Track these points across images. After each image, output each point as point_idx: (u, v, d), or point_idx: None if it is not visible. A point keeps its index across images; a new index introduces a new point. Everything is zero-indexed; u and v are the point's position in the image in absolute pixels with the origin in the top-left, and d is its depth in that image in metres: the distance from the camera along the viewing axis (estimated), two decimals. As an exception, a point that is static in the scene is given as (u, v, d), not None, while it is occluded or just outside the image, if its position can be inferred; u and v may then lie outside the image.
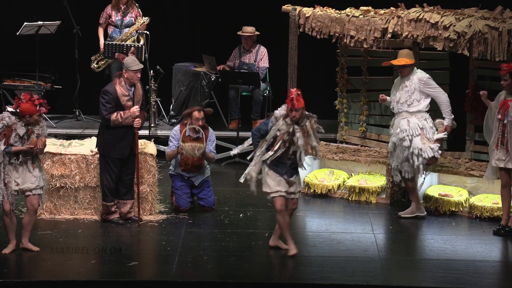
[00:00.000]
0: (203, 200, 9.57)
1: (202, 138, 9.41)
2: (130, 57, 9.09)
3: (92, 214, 9.37)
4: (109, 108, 8.90)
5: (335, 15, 10.27)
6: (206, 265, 8.18)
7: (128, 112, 8.93)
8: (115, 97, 8.89)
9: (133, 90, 9.01)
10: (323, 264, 8.19)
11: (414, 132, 9.30)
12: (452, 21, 9.53)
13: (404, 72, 9.39)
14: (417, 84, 9.34)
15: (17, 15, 12.29)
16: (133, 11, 11.86)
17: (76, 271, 7.97)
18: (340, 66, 11.10)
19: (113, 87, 8.96)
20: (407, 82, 9.38)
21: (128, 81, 8.96)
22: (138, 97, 9.04)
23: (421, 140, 9.30)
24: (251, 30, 11.91)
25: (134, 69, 8.92)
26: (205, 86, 11.78)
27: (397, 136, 9.38)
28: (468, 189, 9.83)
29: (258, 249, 8.52)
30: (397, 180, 9.56)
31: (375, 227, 9.23)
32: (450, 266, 8.22)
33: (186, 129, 9.38)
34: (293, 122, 8.10)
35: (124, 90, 8.95)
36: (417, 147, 9.29)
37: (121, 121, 8.91)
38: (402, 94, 9.37)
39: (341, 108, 11.22)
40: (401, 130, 9.35)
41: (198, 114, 9.40)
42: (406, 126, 9.32)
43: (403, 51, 9.45)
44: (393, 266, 8.28)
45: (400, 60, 9.37)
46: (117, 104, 8.92)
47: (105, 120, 8.93)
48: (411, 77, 9.37)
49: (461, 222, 9.46)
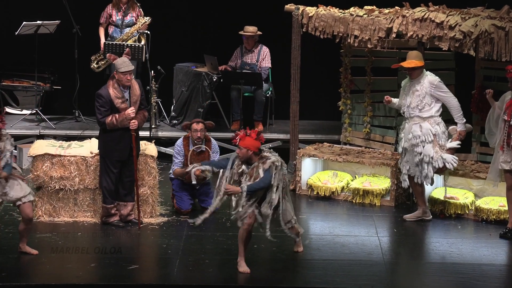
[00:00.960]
0: (205, 202, 9.56)
1: (205, 152, 9.40)
2: (121, 58, 9.04)
3: (92, 217, 9.36)
4: (104, 111, 8.87)
5: (338, 15, 10.26)
6: (207, 269, 8.16)
7: (123, 114, 8.90)
8: (108, 100, 8.86)
9: (128, 91, 8.97)
10: (326, 268, 8.17)
11: (427, 138, 9.24)
12: (458, 21, 9.51)
13: (413, 75, 9.32)
14: (428, 88, 9.26)
15: (15, 14, 12.28)
16: (134, 11, 11.85)
17: (76, 274, 7.96)
18: (344, 67, 11.08)
19: (106, 90, 8.93)
20: (417, 86, 9.30)
21: (120, 83, 8.92)
22: (134, 98, 8.99)
23: (433, 148, 9.24)
24: (253, 29, 11.90)
25: (123, 70, 8.86)
26: (206, 86, 11.77)
27: (410, 141, 9.32)
28: (474, 192, 9.81)
29: (260, 252, 8.51)
30: (405, 186, 9.53)
31: (380, 230, 9.21)
32: (456, 270, 8.21)
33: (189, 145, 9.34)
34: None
35: (118, 92, 8.90)
36: (428, 154, 9.24)
37: (116, 123, 8.89)
38: (413, 99, 9.29)
39: (345, 109, 11.20)
40: (413, 136, 9.28)
41: (197, 125, 9.38)
42: (418, 132, 9.26)
43: (412, 53, 9.39)
44: (398, 269, 8.27)
45: (409, 62, 9.31)
46: (111, 107, 8.89)
47: (101, 123, 8.91)
48: (421, 81, 9.29)
49: (467, 225, 9.44)
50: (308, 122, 12.15)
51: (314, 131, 11.82)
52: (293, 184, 10.47)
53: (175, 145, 9.60)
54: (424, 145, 9.26)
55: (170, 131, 11.96)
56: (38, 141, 9.88)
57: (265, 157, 7.91)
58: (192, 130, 9.41)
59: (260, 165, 7.88)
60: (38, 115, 11.96)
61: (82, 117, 12.21)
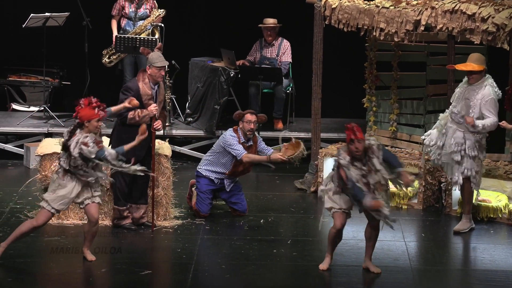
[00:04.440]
0: (237, 205, 9.56)
1: (252, 146, 9.40)
2: (155, 53, 9.06)
3: (103, 219, 9.36)
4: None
5: (363, 6, 10.22)
6: (224, 274, 8.15)
7: (146, 110, 8.90)
8: (137, 95, 8.85)
9: (157, 89, 8.98)
10: (350, 274, 8.14)
11: (470, 153, 9.05)
12: (491, 13, 9.44)
13: (471, 80, 9.09)
14: (479, 100, 8.99)
15: (23, 6, 12.32)
16: (148, 3, 11.86)
17: (86, 280, 7.98)
18: (369, 61, 11.05)
19: (136, 84, 8.93)
20: (472, 94, 9.02)
21: (152, 78, 8.93)
22: (161, 97, 9.04)
23: (474, 163, 9.05)
24: (273, 21, 11.88)
25: (158, 65, 8.88)
26: (223, 82, 11.75)
27: (450, 148, 9.09)
28: (508, 194, 9.74)
29: (280, 257, 8.49)
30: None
31: (406, 234, 9.17)
32: (488, 277, 8.16)
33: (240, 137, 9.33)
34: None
35: (147, 88, 8.92)
36: (471, 168, 9.06)
37: (138, 119, 8.88)
38: (463, 107, 9.06)
39: (370, 107, 11.17)
40: (456, 143, 9.09)
41: (251, 116, 9.35)
42: (461, 140, 9.08)
43: (473, 55, 9.13)
44: (426, 276, 8.23)
45: (467, 65, 9.07)
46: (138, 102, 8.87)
47: (122, 117, 8.89)
48: (477, 90, 9.03)
49: (500, 229, 9.39)
50: (331, 120, 12.12)
51: (337, 130, 11.79)
52: (315, 185, 10.44)
53: (225, 137, 9.38)
54: (463, 155, 9.07)
55: (185, 129, 11.96)
56: (46, 139, 9.90)
57: (368, 147, 7.83)
58: (245, 121, 9.37)
59: (372, 155, 7.82)
60: (47, 112, 11.99)
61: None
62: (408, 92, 11.14)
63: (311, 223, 9.36)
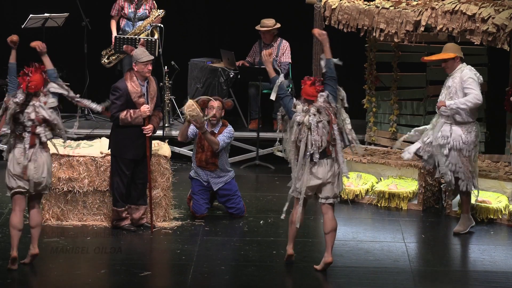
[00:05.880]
0: (233, 209, 9.59)
1: (215, 135, 9.40)
2: (139, 49, 9.07)
3: (102, 220, 9.40)
4: (119, 105, 8.92)
5: (363, 7, 10.26)
6: (223, 276, 8.18)
7: (138, 111, 8.93)
8: (125, 94, 8.90)
9: (146, 85, 9.01)
10: (350, 275, 8.17)
11: (455, 145, 9.05)
12: (491, 13, 9.48)
13: (447, 69, 9.08)
14: (458, 84, 8.99)
15: (22, 7, 12.36)
16: (147, 3, 11.89)
17: (85, 281, 8.00)
18: (369, 62, 11.08)
19: (123, 83, 8.98)
20: (450, 81, 9.03)
21: (139, 75, 8.96)
22: (152, 93, 9.04)
23: (459, 157, 9.09)
24: (271, 23, 11.85)
25: (143, 60, 8.91)
26: (223, 83, 11.79)
27: (437, 141, 9.11)
28: (508, 195, 9.77)
29: (280, 258, 8.51)
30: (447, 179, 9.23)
31: (406, 235, 9.20)
32: (488, 278, 8.17)
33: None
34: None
35: (136, 86, 8.95)
36: (455, 163, 9.11)
37: (130, 120, 8.92)
38: (445, 97, 9.05)
39: (370, 107, 11.20)
40: (442, 136, 9.10)
41: (213, 102, 9.36)
42: (447, 133, 9.09)
43: (448, 45, 9.12)
44: (426, 278, 8.25)
45: (438, 55, 9.17)
46: (128, 101, 8.93)
47: (114, 118, 8.94)
48: (455, 74, 9.06)
49: (500, 230, 9.41)
50: (331, 121, 12.12)
51: (337, 131, 11.79)
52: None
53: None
54: (450, 148, 9.08)
55: (184, 130, 11.97)
56: (45, 140, 9.92)
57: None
58: (208, 107, 9.41)
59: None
60: (46, 113, 12.00)
61: (91, 115, 12.26)
62: (408, 93, 11.18)
63: (310, 224, 9.39)
